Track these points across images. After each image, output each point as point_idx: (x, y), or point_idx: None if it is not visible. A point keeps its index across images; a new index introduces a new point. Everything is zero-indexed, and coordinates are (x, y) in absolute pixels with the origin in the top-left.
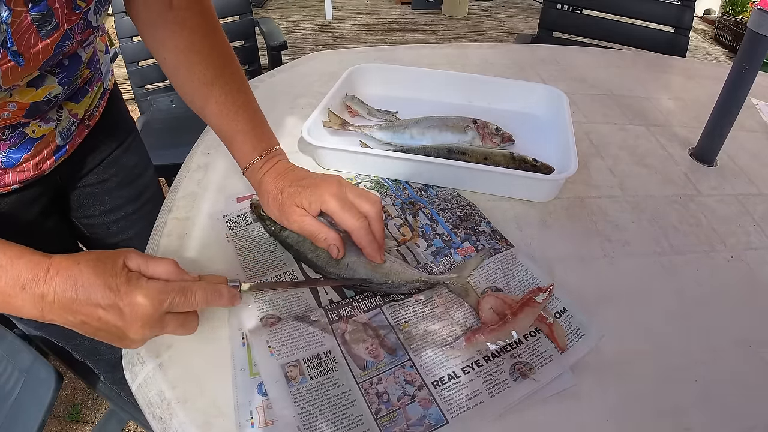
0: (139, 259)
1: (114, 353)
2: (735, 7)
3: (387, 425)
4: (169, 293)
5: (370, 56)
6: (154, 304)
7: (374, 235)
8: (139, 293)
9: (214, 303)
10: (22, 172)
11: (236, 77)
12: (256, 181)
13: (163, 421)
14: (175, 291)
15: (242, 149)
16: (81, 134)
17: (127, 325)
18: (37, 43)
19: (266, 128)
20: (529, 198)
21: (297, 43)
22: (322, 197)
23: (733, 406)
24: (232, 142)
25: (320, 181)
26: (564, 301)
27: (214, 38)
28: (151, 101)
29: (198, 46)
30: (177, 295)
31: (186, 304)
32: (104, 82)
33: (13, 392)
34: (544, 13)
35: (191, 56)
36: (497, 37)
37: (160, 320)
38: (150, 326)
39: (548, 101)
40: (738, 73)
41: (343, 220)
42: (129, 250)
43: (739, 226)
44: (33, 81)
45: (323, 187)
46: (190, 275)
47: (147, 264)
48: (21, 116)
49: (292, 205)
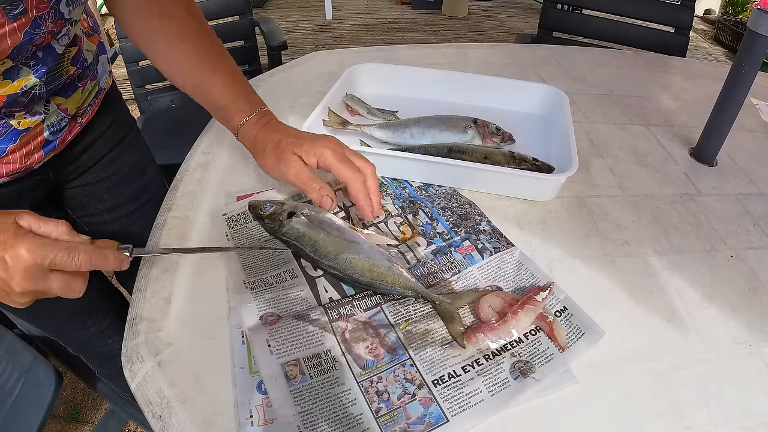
0: (31, 219)
1: (106, 346)
2: (735, 7)
3: (387, 424)
4: (52, 249)
5: (369, 56)
6: (36, 258)
7: (369, 190)
8: (22, 246)
9: (98, 265)
10: (9, 164)
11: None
12: (251, 136)
13: (162, 419)
14: (59, 248)
15: (239, 110)
16: (72, 130)
17: (9, 277)
18: (4, 25)
19: (255, 94)
20: (529, 197)
21: (297, 43)
22: (320, 150)
23: (733, 406)
24: (228, 108)
25: (319, 136)
26: (564, 300)
27: (199, 22)
28: (151, 101)
29: (186, 34)
30: (60, 252)
31: (69, 262)
32: (100, 82)
33: (13, 392)
34: (544, 13)
35: (183, 44)
36: (497, 37)
37: (43, 275)
38: (32, 279)
39: (548, 101)
40: (737, 73)
41: (340, 172)
42: (23, 211)
43: (739, 225)
44: (8, 73)
45: (322, 141)
46: (80, 238)
47: (38, 223)
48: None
49: (290, 153)
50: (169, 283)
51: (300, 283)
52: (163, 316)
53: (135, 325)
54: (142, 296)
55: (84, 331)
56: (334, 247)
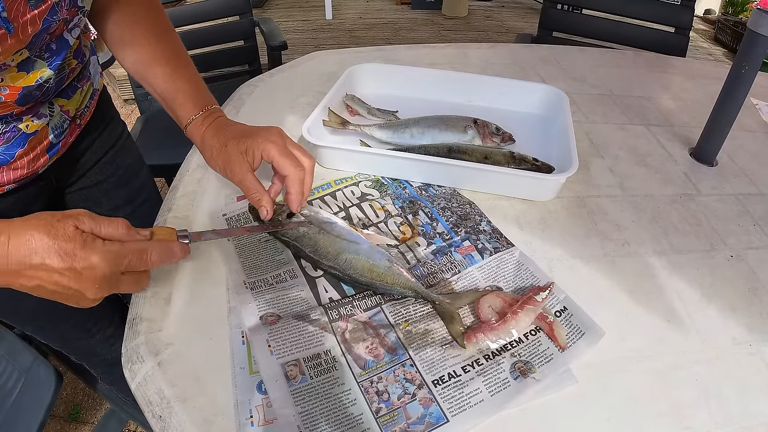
0: (91, 222)
1: (110, 353)
2: (735, 7)
3: (387, 424)
4: (126, 255)
5: (369, 56)
6: (111, 267)
7: (304, 186)
8: (95, 256)
9: (167, 261)
10: (17, 170)
11: (175, 44)
12: (198, 136)
13: (162, 419)
14: (132, 252)
15: (184, 106)
16: (73, 133)
17: (83, 287)
18: (26, 13)
19: (205, 90)
20: (529, 197)
21: (297, 43)
22: (263, 145)
23: (733, 406)
24: (174, 101)
25: (262, 130)
26: (564, 300)
27: (154, 10)
28: (151, 101)
29: (140, 17)
30: (133, 257)
31: (141, 264)
32: (93, 83)
33: (13, 392)
34: (544, 13)
35: (135, 27)
36: (497, 37)
37: (117, 280)
38: (107, 286)
39: (548, 101)
40: (737, 73)
41: (282, 166)
42: (79, 211)
43: (739, 225)
44: (24, 65)
45: (264, 136)
46: (141, 233)
47: (99, 226)
48: (13, 101)
49: (237, 154)
50: (169, 283)
51: (300, 284)
52: (163, 316)
53: (135, 325)
54: (142, 296)
55: (89, 339)
56: (334, 248)
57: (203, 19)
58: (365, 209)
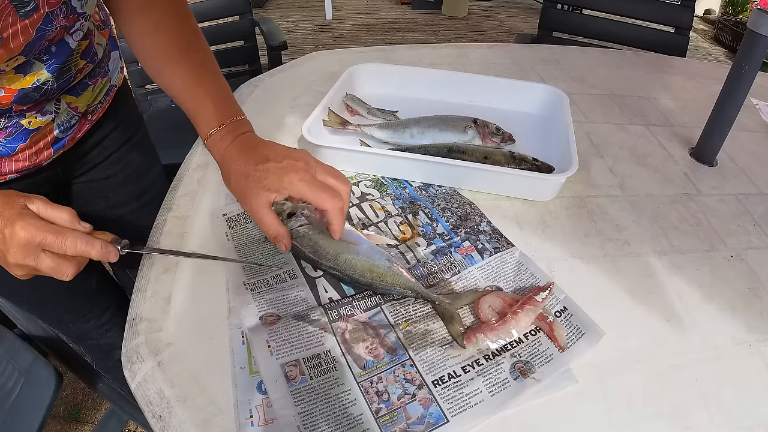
0: (40, 204)
1: (105, 339)
2: (735, 7)
3: (387, 424)
4: (43, 231)
5: (369, 56)
6: (28, 237)
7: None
8: (18, 224)
9: (84, 252)
10: (18, 162)
11: (202, 52)
12: (218, 153)
13: (162, 419)
14: (50, 231)
15: (206, 120)
16: (82, 128)
17: (6, 249)
18: (15, 23)
19: (232, 99)
20: (529, 197)
21: (297, 43)
22: (288, 183)
23: (733, 406)
24: (197, 112)
25: (286, 166)
26: (564, 300)
27: (181, 15)
28: (151, 101)
29: (166, 24)
30: (50, 234)
31: (57, 244)
32: (111, 79)
33: (13, 392)
34: (544, 13)
35: (159, 35)
36: (497, 37)
37: (35, 254)
38: (24, 254)
39: (548, 101)
40: (737, 73)
41: (318, 202)
42: (37, 196)
43: (739, 225)
44: (21, 67)
45: (291, 175)
46: (82, 225)
47: (47, 208)
48: (9, 102)
49: (258, 189)
50: (169, 283)
51: (300, 284)
52: (163, 316)
53: (135, 325)
54: (142, 296)
55: (84, 323)
56: (334, 248)
57: (203, 19)
58: (365, 209)
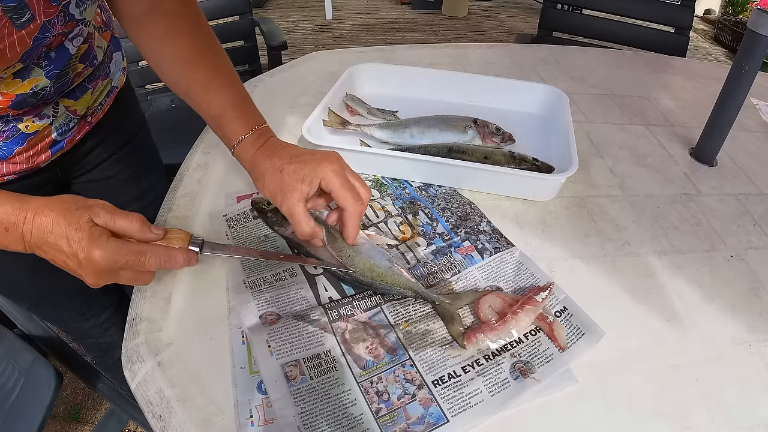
0: (107, 216)
1: (104, 337)
2: (735, 7)
3: (387, 424)
4: (124, 255)
5: (369, 56)
6: (109, 263)
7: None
8: (97, 250)
9: (168, 267)
10: (16, 164)
11: (219, 56)
12: (248, 157)
13: (162, 419)
14: (131, 253)
15: (231, 125)
16: (81, 130)
17: (82, 273)
18: (12, 34)
19: (253, 105)
20: (529, 197)
21: (297, 43)
22: (324, 174)
23: (733, 406)
24: (221, 118)
25: (320, 157)
26: (564, 300)
27: (195, 19)
28: (151, 101)
29: (180, 29)
30: (131, 257)
31: (139, 265)
32: (113, 80)
33: (13, 392)
34: (544, 13)
35: (174, 40)
36: (497, 37)
37: (114, 274)
38: (103, 277)
39: (548, 101)
40: (737, 73)
41: (343, 200)
42: (99, 203)
43: (739, 225)
44: (19, 73)
45: (325, 164)
46: (154, 232)
47: (114, 220)
48: (6, 107)
49: (293, 182)
50: (169, 283)
51: (299, 282)
52: (163, 316)
53: (135, 325)
54: (142, 296)
55: (83, 322)
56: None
57: None
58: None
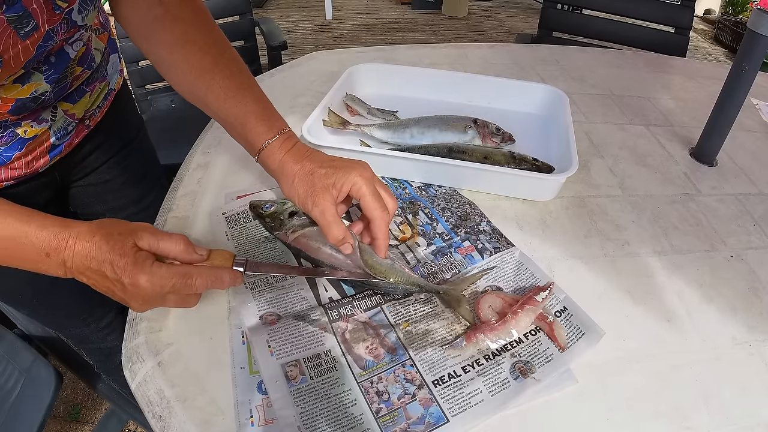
0: (150, 239)
1: (105, 342)
2: (735, 7)
3: (387, 424)
4: (170, 279)
5: (369, 56)
6: (155, 288)
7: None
8: (142, 276)
9: (215, 287)
10: (14, 170)
11: (235, 61)
12: (275, 161)
13: (162, 419)
14: (177, 276)
15: (255, 131)
16: (79, 134)
17: (128, 298)
18: (17, 44)
19: (274, 109)
20: (529, 197)
21: (297, 43)
22: (355, 180)
23: (733, 406)
24: (244, 124)
25: (352, 164)
26: (564, 300)
27: (207, 26)
28: (151, 101)
29: (193, 36)
30: (178, 280)
31: (186, 288)
32: (110, 83)
33: (13, 392)
34: (544, 13)
35: (187, 47)
36: (497, 37)
37: (161, 298)
38: (150, 303)
39: (548, 101)
40: (737, 73)
41: (372, 208)
42: (142, 227)
43: (739, 225)
44: (18, 78)
45: (356, 171)
46: (198, 253)
47: (158, 243)
48: (6, 112)
49: (323, 185)
50: None
51: (300, 282)
52: (163, 316)
53: (135, 325)
54: None
55: (84, 328)
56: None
57: None
58: None
